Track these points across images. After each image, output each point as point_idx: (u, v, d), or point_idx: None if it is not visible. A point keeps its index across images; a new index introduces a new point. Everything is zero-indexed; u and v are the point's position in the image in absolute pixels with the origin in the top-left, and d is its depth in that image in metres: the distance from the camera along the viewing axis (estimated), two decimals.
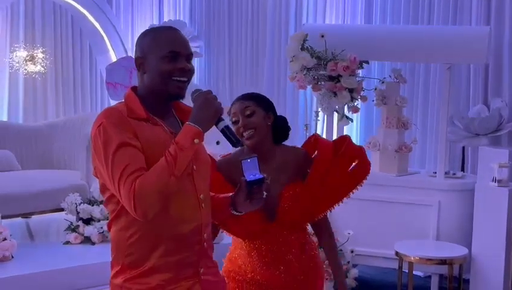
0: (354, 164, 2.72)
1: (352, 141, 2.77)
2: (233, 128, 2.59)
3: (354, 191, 2.74)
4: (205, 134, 2.11)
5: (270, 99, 2.76)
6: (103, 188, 2.15)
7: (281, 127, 2.74)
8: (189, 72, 2.16)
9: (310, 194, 2.64)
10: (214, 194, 2.35)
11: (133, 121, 2.08)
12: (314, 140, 2.81)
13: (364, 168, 2.74)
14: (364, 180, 2.73)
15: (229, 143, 2.18)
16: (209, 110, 2.09)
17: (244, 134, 2.61)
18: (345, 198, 2.73)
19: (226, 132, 2.15)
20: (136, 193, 1.97)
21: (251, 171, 2.16)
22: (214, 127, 2.14)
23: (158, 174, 2.00)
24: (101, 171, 2.08)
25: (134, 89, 2.21)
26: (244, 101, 2.65)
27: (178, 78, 2.13)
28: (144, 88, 2.17)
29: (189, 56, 2.17)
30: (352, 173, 2.71)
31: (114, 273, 2.17)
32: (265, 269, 2.68)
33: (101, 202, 5.35)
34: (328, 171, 2.66)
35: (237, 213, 2.31)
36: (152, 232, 2.09)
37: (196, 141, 2.05)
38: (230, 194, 2.31)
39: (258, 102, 2.66)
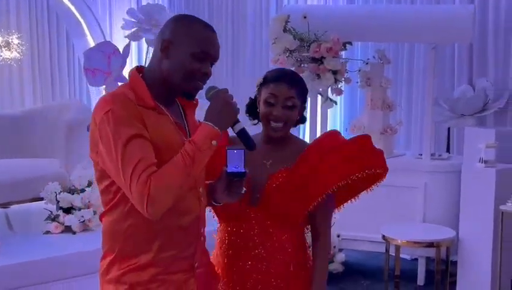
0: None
1: (369, 140, 2.44)
2: (265, 109, 2.38)
3: (351, 179, 2.33)
4: None
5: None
6: (101, 176, 2.03)
7: (303, 116, 2.50)
8: (208, 78, 2.09)
9: (298, 178, 2.34)
10: None
11: (141, 109, 1.97)
12: (329, 134, 2.51)
13: (372, 163, 2.39)
14: (367, 172, 2.35)
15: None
16: (228, 111, 2.03)
17: (273, 123, 2.37)
18: (333, 187, 2.32)
19: (242, 135, 2.09)
20: (150, 193, 1.87)
21: (235, 162, 2.07)
22: None
23: (175, 175, 1.91)
24: (105, 160, 1.95)
25: (139, 69, 2.10)
26: (290, 89, 2.36)
27: (198, 81, 2.05)
28: (157, 72, 2.05)
29: (214, 62, 2.11)
30: (353, 163, 2.35)
31: (107, 264, 2.07)
32: (228, 259, 2.41)
33: (82, 191, 5.24)
34: (323, 158, 2.34)
35: (215, 203, 2.23)
36: (150, 223, 1.98)
37: (214, 142, 1.98)
38: (210, 182, 2.21)
39: (300, 93, 2.40)
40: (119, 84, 2.88)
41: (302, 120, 2.52)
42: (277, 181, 2.36)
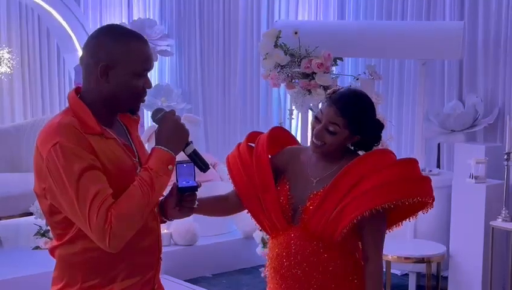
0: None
1: (415, 165, 2.35)
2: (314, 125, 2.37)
3: (389, 206, 2.22)
4: None
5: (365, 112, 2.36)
6: (52, 210, 1.93)
7: (364, 143, 2.40)
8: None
9: (334, 199, 2.28)
10: None
11: (88, 136, 1.90)
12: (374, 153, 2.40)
13: (416, 190, 2.28)
14: (409, 200, 2.24)
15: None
16: (179, 134, 2.00)
17: (313, 138, 2.33)
18: (364, 213, 2.21)
19: (193, 156, 2.06)
20: (113, 226, 1.81)
21: (185, 177, 2.04)
22: None
23: (135, 204, 1.86)
24: (56, 196, 1.88)
25: (77, 90, 2.01)
26: (338, 116, 2.29)
27: (142, 97, 2.02)
28: (96, 94, 1.96)
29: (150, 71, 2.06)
30: (394, 188, 2.25)
31: None
32: (273, 278, 2.43)
33: None
34: (361, 180, 2.26)
35: (165, 219, 2.18)
36: (110, 253, 1.90)
37: (170, 167, 1.95)
38: (161, 198, 2.15)
39: (350, 123, 2.30)
40: None
41: (363, 146, 2.41)
42: (315, 203, 2.31)
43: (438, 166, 5.66)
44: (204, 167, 2.07)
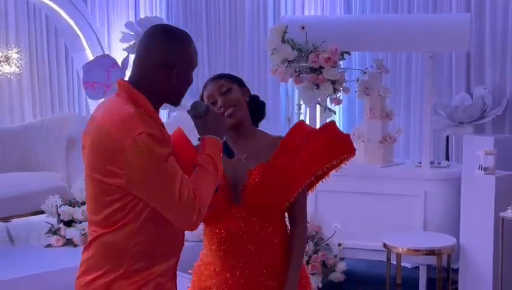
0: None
1: (336, 126, 2.59)
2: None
3: (326, 168, 2.49)
4: None
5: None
6: (116, 198, 2.01)
7: (257, 104, 2.64)
8: None
9: (278, 171, 2.42)
10: None
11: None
12: (298, 126, 2.60)
13: (343, 148, 2.54)
14: (340, 159, 2.51)
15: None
16: (222, 125, 2.22)
17: (226, 113, 2.44)
18: (312, 176, 2.47)
19: (226, 145, 2.24)
20: (201, 205, 1.98)
21: None
22: None
23: (209, 184, 2.05)
24: (135, 180, 1.97)
25: (131, 85, 2.11)
26: (218, 80, 2.52)
27: None
28: (161, 91, 2.09)
29: None
30: (327, 151, 2.50)
31: (108, 283, 2.05)
32: (223, 260, 2.45)
33: (83, 203, 5.24)
34: (299, 149, 2.46)
35: None
36: (157, 237, 2.06)
37: (221, 154, 2.15)
38: None
39: (232, 79, 2.55)
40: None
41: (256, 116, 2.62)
42: (256, 178, 2.42)
43: (447, 158, 5.67)
44: (232, 154, 2.29)
